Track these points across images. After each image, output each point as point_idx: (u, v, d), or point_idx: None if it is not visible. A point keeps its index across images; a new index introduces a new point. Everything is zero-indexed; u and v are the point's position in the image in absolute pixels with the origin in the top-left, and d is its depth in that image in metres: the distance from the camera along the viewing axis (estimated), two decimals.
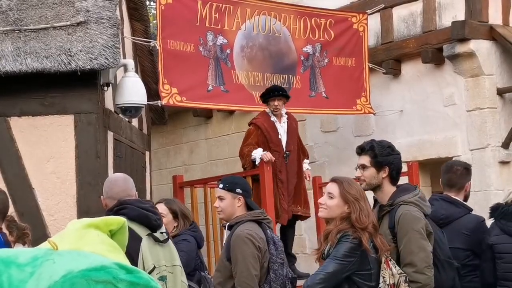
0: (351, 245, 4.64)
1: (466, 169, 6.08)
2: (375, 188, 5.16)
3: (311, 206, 9.52)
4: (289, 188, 9.07)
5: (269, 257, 5.56)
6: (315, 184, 9.73)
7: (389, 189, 5.09)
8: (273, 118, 9.16)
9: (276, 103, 9.04)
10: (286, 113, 9.32)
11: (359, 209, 4.73)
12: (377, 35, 11.54)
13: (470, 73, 10.67)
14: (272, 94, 9.15)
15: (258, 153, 8.80)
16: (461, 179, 5.94)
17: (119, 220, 1.93)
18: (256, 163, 8.82)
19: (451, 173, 6.01)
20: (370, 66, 11.21)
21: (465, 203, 5.89)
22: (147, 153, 10.09)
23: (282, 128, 9.16)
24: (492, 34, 10.65)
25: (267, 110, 9.24)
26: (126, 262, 1.66)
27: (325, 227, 5.20)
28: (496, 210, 5.56)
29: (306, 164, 9.42)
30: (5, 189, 6.40)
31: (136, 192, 5.49)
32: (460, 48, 10.60)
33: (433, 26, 11.05)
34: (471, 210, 5.91)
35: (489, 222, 6.04)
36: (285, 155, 9.03)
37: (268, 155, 8.68)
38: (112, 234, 1.86)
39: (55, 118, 7.45)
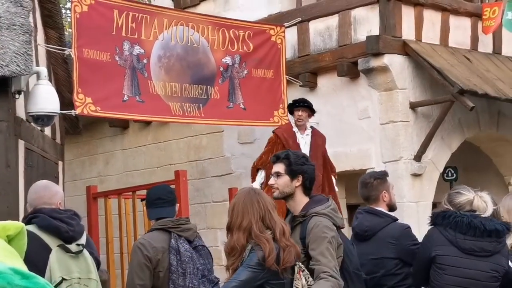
0: (263, 256, 4.64)
1: (377, 180, 6.11)
2: (287, 197, 5.18)
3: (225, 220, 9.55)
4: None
5: (168, 267, 5.50)
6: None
7: (301, 198, 5.13)
8: (295, 129, 9.31)
9: (300, 113, 9.21)
10: (312, 128, 9.47)
11: None
12: (294, 48, 11.66)
13: (384, 87, 10.82)
14: (297, 104, 9.31)
15: (256, 183, 9.06)
16: (373, 191, 5.99)
17: (17, 225, 1.88)
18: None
19: (363, 188, 6.09)
20: (287, 79, 11.26)
21: (388, 212, 5.94)
22: (60, 163, 9.94)
23: (303, 140, 9.25)
24: (405, 49, 10.87)
25: (294, 121, 9.36)
26: (23, 267, 1.62)
27: None
28: (445, 218, 5.45)
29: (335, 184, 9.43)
30: None
31: (60, 201, 5.42)
32: (375, 62, 10.76)
33: (348, 40, 11.21)
34: (396, 219, 5.97)
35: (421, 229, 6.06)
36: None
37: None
38: (10, 240, 1.82)
39: None
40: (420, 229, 6.80)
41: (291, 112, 9.53)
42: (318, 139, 9.48)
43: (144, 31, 9.84)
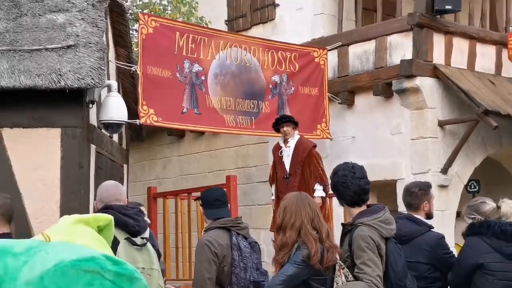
0: (308, 255, 4.60)
1: (422, 190, 6.00)
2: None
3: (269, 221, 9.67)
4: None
5: (231, 261, 5.52)
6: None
7: (351, 210, 4.99)
8: (281, 143, 9.22)
9: (285, 128, 9.08)
10: (299, 138, 9.29)
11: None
12: (334, 69, 11.63)
13: (415, 106, 10.79)
14: (280, 122, 9.21)
15: (272, 190, 9.35)
16: (416, 200, 5.90)
17: (107, 217, 1.92)
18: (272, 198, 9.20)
19: (407, 196, 6.00)
20: (330, 96, 11.30)
21: (425, 221, 5.85)
22: (125, 166, 10.02)
23: (286, 153, 9.15)
24: (435, 72, 10.82)
25: (281, 136, 9.29)
26: (112, 254, 1.64)
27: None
28: (489, 228, 5.32)
29: (317, 191, 9.06)
30: None
31: (127, 199, 5.50)
32: (407, 84, 10.73)
33: (384, 63, 11.17)
34: (431, 227, 5.86)
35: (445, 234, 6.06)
36: (285, 176, 9.04)
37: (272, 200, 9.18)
38: (100, 230, 1.83)
39: (43, 131, 7.38)
40: (446, 231, 6.69)
41: (276, 128, 9.37)
42: (300, 149, 9.19)
43: (202, 51, 9.94)
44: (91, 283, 1.40)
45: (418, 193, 5.95)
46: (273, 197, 9.18)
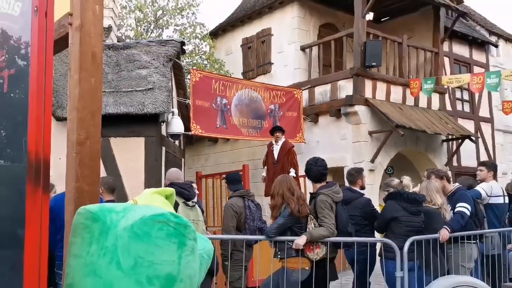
0: (291, 210, 4.64)
1: (357, 172, 6.00)
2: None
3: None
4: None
5: (245, 216, 5.57)
6: None
7: (315, 184, 4.94)
8: (273, 143, 8.97)
9: (277, 134, 8.86)
10: (284, 140, 8.96)
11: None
12: (306, 101, 11.62)
13: (354, 123, 10.81)
14: (275, 129, 8.99)
15: (263, 171, 9.09)
16: (353, 178, 5.87)
17: (171, 190, 1.91)
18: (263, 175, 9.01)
19: (348, 175, 5.98)
20: (304, 117, 11.33)
21: (360, 191, 5.80)
22: (182, 159, 10.05)
23: (275, 148, 8.89)
24: (366, 102, 10.83)
25: (274, 139, 9.00)
26: (174, 212, 1.63)
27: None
28: (401, 195, 5.25)
29: (292, 172, 8.68)
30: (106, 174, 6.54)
31: (183, 178, 5.54)
32: (350, 109, 10.76)
33: (335, 97, 11.18)
34: (363, 194, 5.84)
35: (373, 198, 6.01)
36: (274, 162, 8.79)
37: (263, 177, 9.01)
38: (166, 197, 1.83)
39: (134, 139, 7.47)
40: (373, 200, 6.69)
41: (272, 134, 8.97)
42: (284, 147, 8.85)
43: (228, 91, 9.99)
44: (161, 228, 1.41)
45: (355, 174, 5.93)
46: (264, 174, 9.00)
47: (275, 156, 8.89)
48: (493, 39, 15.59)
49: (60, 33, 2.50)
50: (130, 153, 7.38)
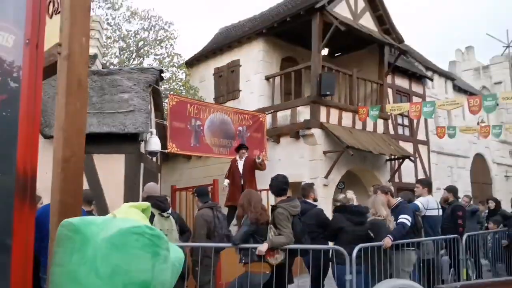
0: (252, 220, 4.67)
1: (308, 187, 6.06)
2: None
3: None
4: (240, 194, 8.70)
5: (214, 225, 5.53)
6: None
7: (276, 198, 4.96)
8: (237, 158, 8.89)
9: (243, 150, 8.85)
10: (246, 156, 8.92)
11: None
12: (270, 124, 11.64)
13: (311, 143, 10.91)
14: (242, 147, 8.96)
15: (225, 182, 8.79)
16: (306, 191, 5.95)
17: (147, 204, 1.86)
18: (224, 186, 8.76)
19: (302, 190, 6.03)
20: (267, 138, 11.36)
21: (312, 202, 5.84)
22: (159, 174, 9.87)
23: (240, 163, 8.81)
24: (322, 126, 10.94)
25: (238, 156, 8.93)
26: (149, 225, 1.59)
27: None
28: (346, 208, 5.38)
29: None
30: (89, 188, 6.35)
31: (160, 192, 5.50)
32: (307, 132, 10.87)
33: (295, 121, 11.27)
34: (316, 206, 5.87)
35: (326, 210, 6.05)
36: (240, 176, 8.70)
37: (225, 186, 8.73)
38: (142, 211, 1.80)
39: (115, 155, 7.31)
40: (326, 211, 6.73)
41: (238, 151, 8.89)
42: (248, 162, 8.83)
43: (201, 113, 9.90)
44: (138, 240, 1.39)
45: (306, 188, 6.01)
46: (226, 184, 8.77)
47: (241, 170, 8.84)
48: (429, 73, 16.14)
49: (50, 60, 2.46)
50: (111, 168, 7.22)
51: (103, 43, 11.13)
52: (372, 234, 5.27)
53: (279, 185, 4.95)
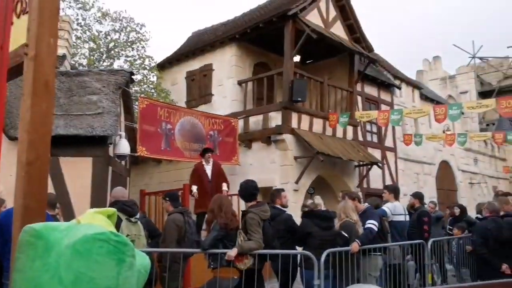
0: (221, 226, 4.65)
1: (276, 192, 6.04)
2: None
3: None
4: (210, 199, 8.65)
5: (185, 230, 5.50)
6: None
7: (247, 203, 4.95)
8: (204, 163, 8.87)
9: (209, 154, 8.87)
10: (214, 161, 9.02)
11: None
12: (241, 128, 11.62)
13: (282, 149, 10.97)
14: (208, 151, 8.96)
15: (194, 188, 8.63)
16: (274, 197, 5.93)
17: (112, 210, 1.84)
18: (192, 192, 8.61)
19: (271, 195, 5.98)
20: (239, 143, 11.35)
21: (281, 208, 5.82)
22: (128, 178, 9.70)
23: (208, 168, 8.83)
24: (293, 132, 11.02)
25: (204, 160, 8.93)
26: (115, 231, 1.56)
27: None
28: (313, 213, 5.40)
29: (224, 186, 8.80)
30: (54, 191, 6.19)
31: (128, 196, 5.39)
32: (278, 137, 10.92)
33: (267, 126, 11.31)
34: (285, 211, 5.85)
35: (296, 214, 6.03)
36: (209, 181, 8.69)
37: (194, 193, 8.57)
38: (108, 217, 1.78)
39: (82, 159, 7.15)
40: (296, 215, 6.76)
41: (203, 155, 8.93)
42: (215, 166, 8.95)
43: (172, 117, 9.81)
44: (102, 246, 1.36)
45: (274, 193, 6.01)
46: (194, 190, 8.64)
47: (209, 175, 8.81)
48: (397, 82, 16.53)
49: (16, 61, 2.40)
50: (78, 172, 7.05)
51: (73, 43, 10.90)
52: (346, 234, 5.34)
53: (250, 190, 4.95)
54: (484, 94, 27.98)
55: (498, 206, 6.29)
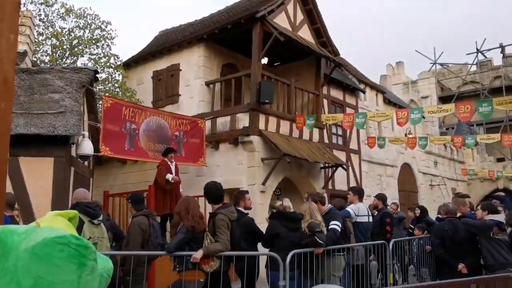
0: (188, 228, 4.61)
1: (240, 194, 6.05)
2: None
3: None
4: (173, 198, 8.60)
5: (149, 233, 5.43)
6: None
7: (214, 205, 4.94)
8: (169, 163, 8.84)
9: (172, 154, 8.85)
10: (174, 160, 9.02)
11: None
12: (209, 129, 11.56)
13: (249, 150, 10.98)
14: (168, 151, 8.90)
15: (169, 176, 8.56)
16: (237, 199, 5.95)
17: (74, 212, 1.76)
18: (170, 179, 8.53)
19: (235, 198, 6.00)
20: (206, 144, 11.30)
21: (243, 210, 5.83)
22: (91, 179, 9.46)
23: (172, 168, 8.82)
24: (260, 133, 11.04)
25: (167, 159, 8.88)
26: (76, 234, 1.51)
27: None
28: (282, 215, 5.44)
29: (180, 188, 8.91)
30: (14, 192, 6.00)
31: (90, 198, 5.29)
32: (246, 139, 10.92)
33: (234, 127, 11.27)
34: (247, 214, 5.89)
35: (263, 216, 6.02)
36: (172, 181, 8.61)
37: (173, 178, 8.61)
38: (69, 219, 1.70)
39: (44, 159, 6.95)
40: (263, 216, 6.80)
41: (166, 155, 8.94)
42: (177, 167, 9.04)
43: (137, 117, 9.66)
44: (62, 250, 1.32)
45: (238, 196, 6.02)
46: (169, 177, 8.58)
47: (173, 173, 8.76)
48: (362, 86, 16.88)
49: None
50: (39, 172, 6.85)
51: (34, 40, 10.55)
52: (321, 241, 5.37)
53: (218, 192, 4.95)
54: (444, 99, 28.98)
55: (452, 207, 6.50)
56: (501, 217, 5.91)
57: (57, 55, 14.37)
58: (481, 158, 25.15)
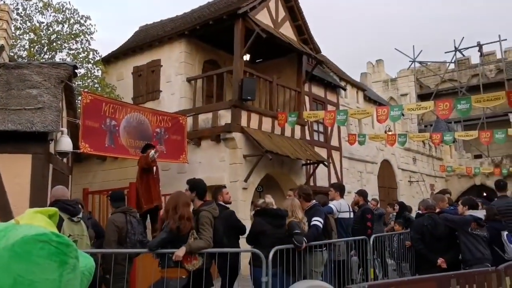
0: (172, 230, 4.55)
1: (217, 189, 5.94)
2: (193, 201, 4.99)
3: None
4: (156, 194, 8.43)
5: (126, 230, 5.38)
6: None
7: (197, 202, 4.95)
8: (151, 156, 8.42)
9: (151, 150, 8.53)
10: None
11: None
12: (190, 126, 11.51)
13: (231, 147, 11.00)
14: (148, 147, 8.64)
15: (151, 153, 8.22)
16: (215, 194, 5.84)
17: (54, 210, 1.67)
18: (155, 156, 8.28)
19: (213, 193, 5.89)
20: (187, 140, 11.23)
21: (224, 204, 5.72)
22: (70, 176, 9.30)
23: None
24: (242, 130, 11.05)
25: (150, 154, 8.54)
26: (57, 231, 1.43)
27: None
28: (266, 212, 5.40)
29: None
30: None
31: (69, 195, 5.22)
32: (228, 136, 10.94)
33: (216, 124, 11.26)
34: (227, 208, 5.77)
35: (246, 213, 6.14)
36: (157, 154, 8.35)
37: (158, 148, 8.45)
38: (49, 217, 1.63)
39: (21, 156, 6.79)
40: (245, 212, 6.80)
41: (145, 151, 8.54)
42: (155, 161, 8.73)
43: (117, 113, 9.58)
44: (43, 248, 1.28)
45: (215, 191, 5.93)
46: (151, 153, 8.32)
47: (153, 170, 8.64)
48: (343, 83, 17.02)
49: None
50: (16, 169, 6.70)
51: (12, 34, 10.29)
52: (292, 232, 5.37)
53: (203, 187, 4.98)
54: (423, 97, 29.43)
55: (431, 203, 6.60)
56: (480, 213, 6.02)
57: (35, 50, 14.07)
58: (458, 155, 25.65)
